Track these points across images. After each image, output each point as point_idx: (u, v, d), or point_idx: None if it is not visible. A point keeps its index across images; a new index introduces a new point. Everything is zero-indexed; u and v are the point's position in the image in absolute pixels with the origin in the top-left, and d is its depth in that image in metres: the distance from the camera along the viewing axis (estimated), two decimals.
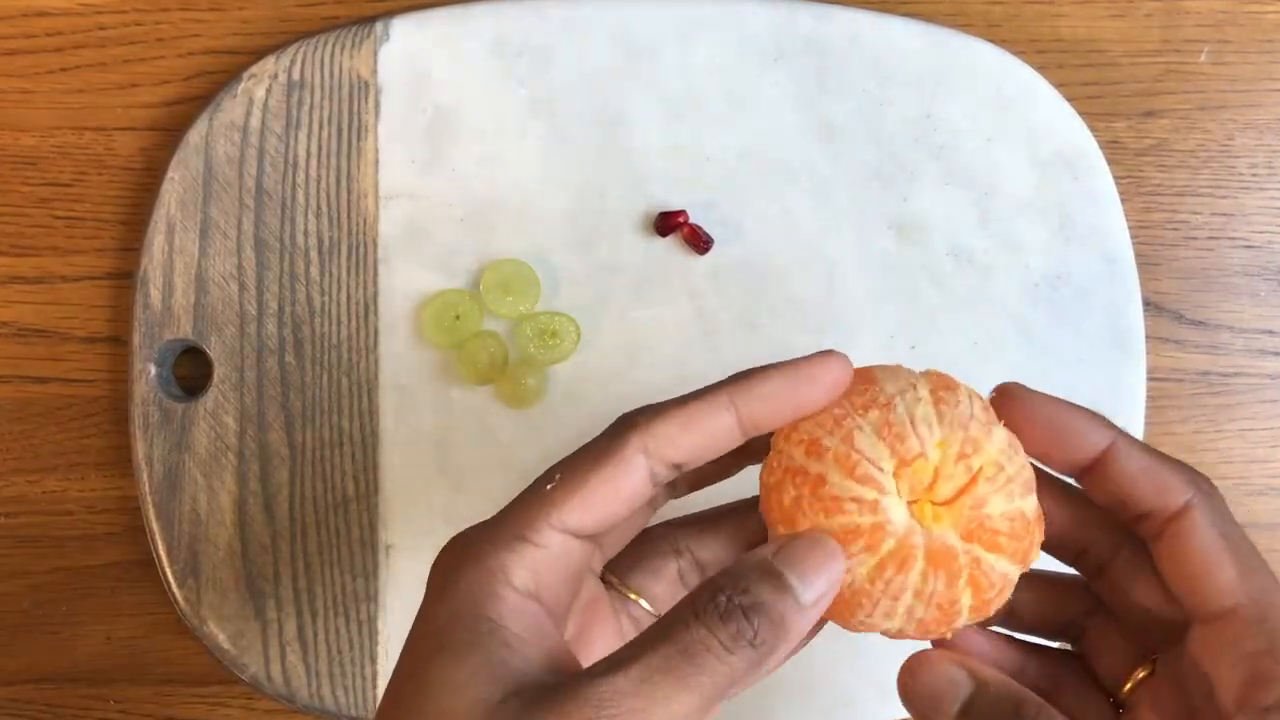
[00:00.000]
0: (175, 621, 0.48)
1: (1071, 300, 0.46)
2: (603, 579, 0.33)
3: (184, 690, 0.49)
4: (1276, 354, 0.48)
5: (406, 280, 0.47)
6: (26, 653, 0.49)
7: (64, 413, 0.49)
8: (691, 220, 0.46)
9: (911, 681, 0.30)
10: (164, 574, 0.47)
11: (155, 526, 0.47)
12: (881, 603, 0.29)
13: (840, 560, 0.28)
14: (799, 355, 0.44)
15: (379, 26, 0.47)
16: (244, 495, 0.46)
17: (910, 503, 0.29)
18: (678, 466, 0.30)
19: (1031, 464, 0.30)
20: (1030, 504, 0.29)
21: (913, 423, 0.28)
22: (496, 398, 0.46)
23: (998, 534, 0.29)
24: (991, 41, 0.47)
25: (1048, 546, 0.32)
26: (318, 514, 0.46)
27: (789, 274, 0.47)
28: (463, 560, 0.29)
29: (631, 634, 0.31)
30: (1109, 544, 0.32)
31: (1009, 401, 0.31)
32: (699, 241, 0.46)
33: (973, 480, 0.28)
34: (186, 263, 0.47)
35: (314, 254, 0.47)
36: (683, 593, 0.32)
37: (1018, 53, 0.47)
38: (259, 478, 0.47)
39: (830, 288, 0.47)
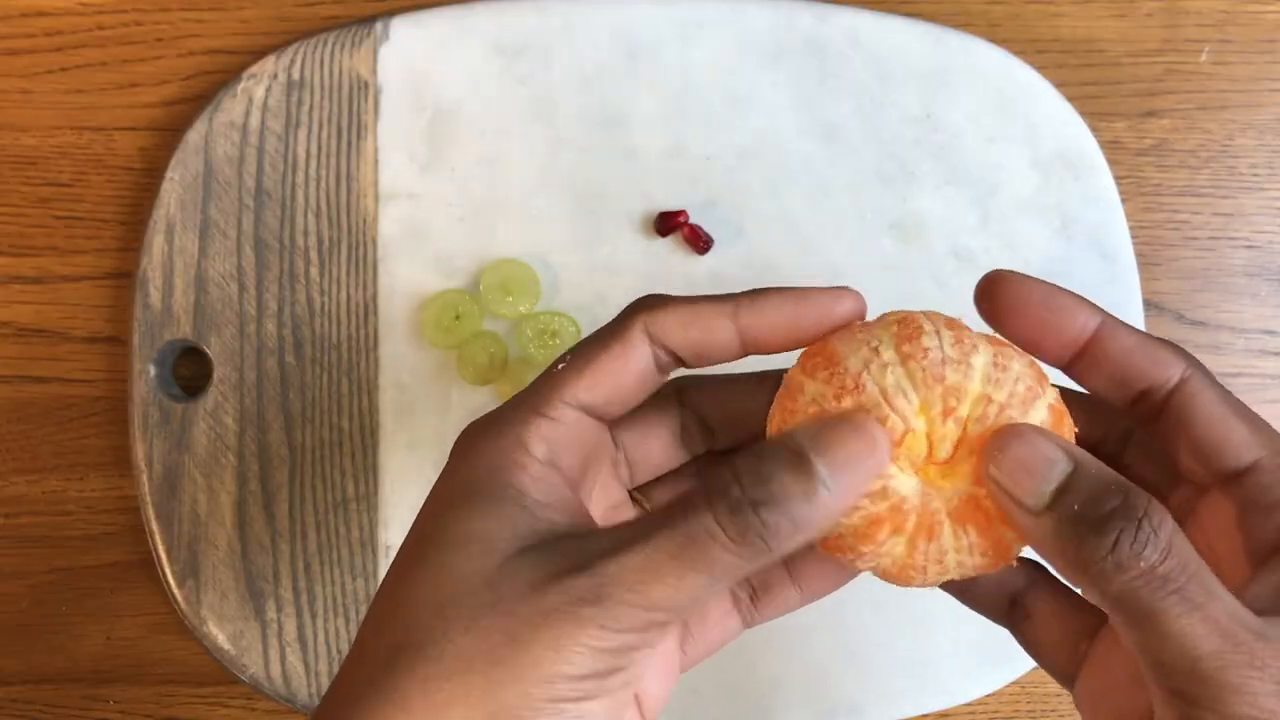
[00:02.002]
0: (175, 621, 0.48)
1: None
2: (632, 497, 0.33)
3: (184, 690, 0.49)
4: (1277, 354, 0.48)
5: (406, 280, 0.47)
6: (26, 653, 0.49)
7: (64, 413, 0.49)
8: (691, 220, 0.46)
9: (998, 456, 0.27)
10: (164, 574, 0.47)
11: (155, 526, 0.46)
12: (930, 569, 0.28)
13: (884, 453, 0.27)
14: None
15: (379, 26, 0.47)
16: (244, 495, 0.46)
17: (918, 470, 0.28)
18: (678, 358, 0.30)
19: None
20: (1038, 412, 0.28)
21: (887, 398, 0.27)
22: (496, 398, 0.46)
23: (985, 441, 0.28)
24: (992, 41, 0.47)
25: None
26: (318, 514, 0.46)
27: (789, 274, 0.47)
28: (481, 436, 0.29)
29: None
30: (1115, 438, 0.32)
31: (998, 288, 0.30)
32: (699, 241, 0.46)
33: (964, 431, 0.28)
34: (186, 263, 0.47)
35: (314, 254, 0.47)
36: None
37: (1018, 52, 0.47)
38: (259, 478, 0.47)
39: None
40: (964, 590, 0.34)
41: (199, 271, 0.47)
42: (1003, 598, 0.34)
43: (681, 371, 0.32)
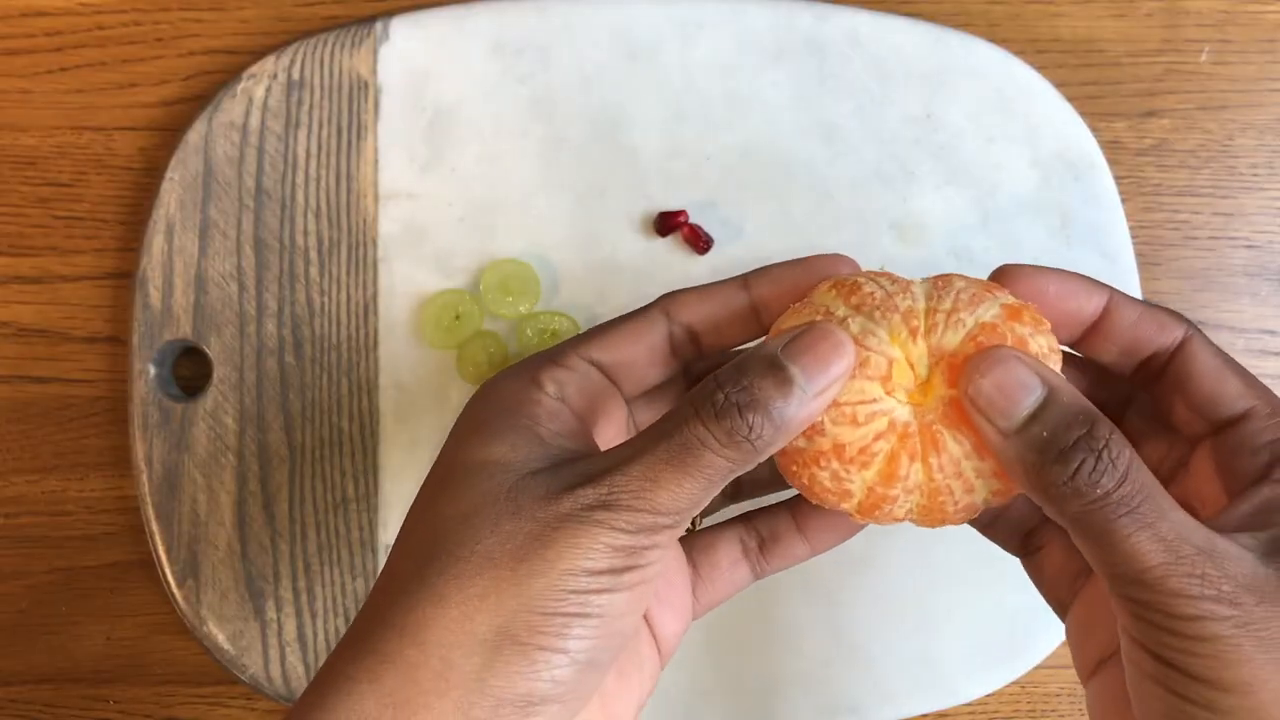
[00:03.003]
0: (175, 621, 0.48)
1: None
2: None
3: (184, 690, 0.49)
4: (1277, 354, 0.48)
5: (406, 280, 0.47)
6: (26, 653, 0.49)
7: (64, 413, 0.49)
8: (691, 220, 0.46)
9: (977, 378, 0.28)
10: (164, 574, 0.47)
11: (155, 527, 0.46)
12: (954, 487, 0.30)
13: (849, 350, 0.29)
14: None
15: (379, 26, 0.47)
16: (244, 495, 0.46)
17: (910, 396, 0.30)
18: (695, 333, 0.33)
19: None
20: (990, 309, 0.30)
21: (860, 343, 0.29)
22: None
23: (968, 356, 0.29)
24: (992, 41, 0.47)
25: None
26: (317, 514, 0.46)
27: None
28: (499, 379, 0.33)
29: None
30: (1117, 402, 0.34)
31: (1013, 281, 0.32)
32: (699, 241, 0.46)
33: (929, 346, 0.30)
34: (186, 263, 0.47)
35: (314, 254, 0.47)
36: (720, 496, 0.34)
37: (1018, 52, 0.47)
38: (259, 478, 0.47)
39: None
40: (986, 524, 0.36)
41: (199, 271, 0.47)
42: (1019, 531, 0.36)
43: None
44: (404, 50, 0.47)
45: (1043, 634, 0.46)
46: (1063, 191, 0.47)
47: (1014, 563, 0.46)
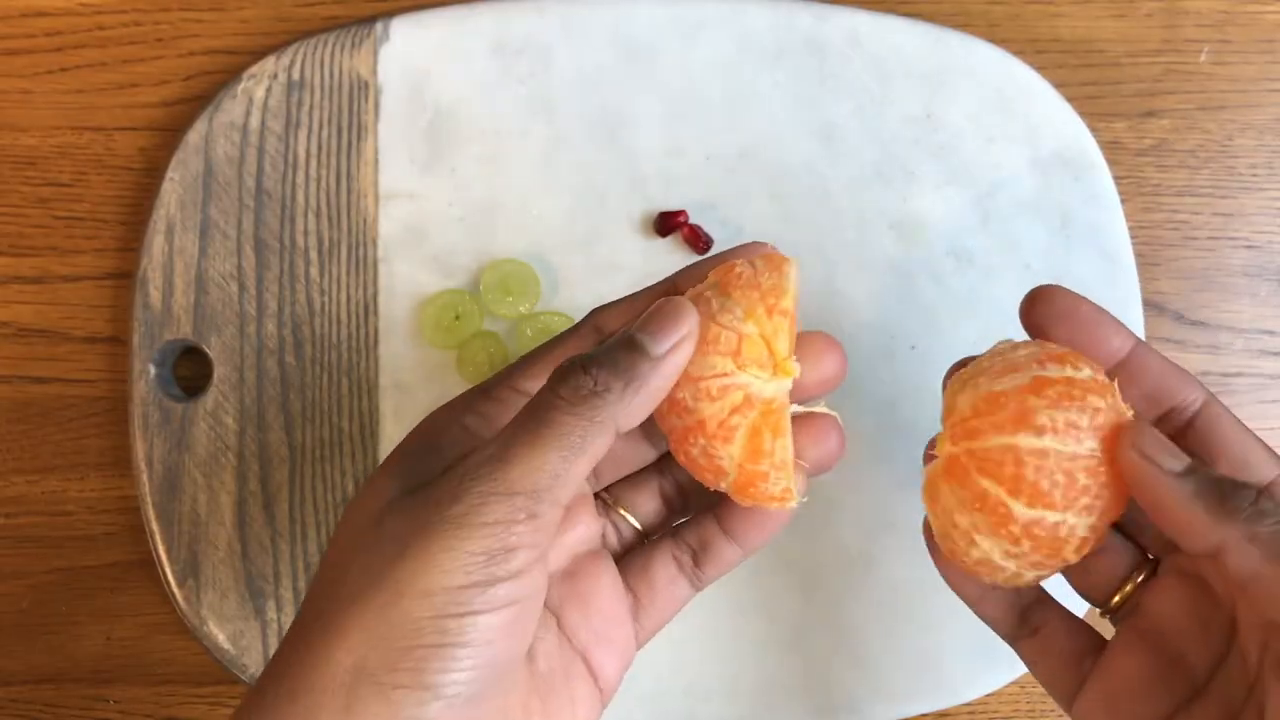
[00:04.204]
0: (175, 621, 0.48)
1: None
2: (596, 496, 0.35)
3: (184, 690, 0.49)
4: (1276, 354, 0.48)
5: (406, 280, 0.47)
6: (26, 653, 0.49)
7: (64, 413, 0.49)
8: (691, 220, 0.46)
9: (1139, 438, 0.30)
10: (164, 574, 0.47)
11: (155, 527, 0.46)
12: (771, 469, 0.31)
13: (690, 313, 0.30)
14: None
15: (379, 26, 0.47)
16: (244, 495, 0.46)
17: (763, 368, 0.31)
18: None
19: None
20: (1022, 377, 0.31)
21: (716, 320, 0.30)
22: None
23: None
24: (991, 41, 0.47)
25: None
26: (318, 514, 0.46)
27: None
28: (433, 414, 0.33)
29: (613, 537, 0.35)
30: None
31: (1047, 304, 0.33)
32: (699, 241, 0.46)
33: (790, 317, 0.31)
34: (186, 263, 0.47)
35: (314, 254, 0.47)
36: (663, 509, 0.36)
37: (1018, 53, 0.47)
38: (259, 478, 0.47)
39: (830, 288, 0.47)
40: (976, 601, 0.35)
41: (199, 271, 0.47)
42: (1013, 612, 0.35)
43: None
44: (404, 50, 0.47)
45: None
46: (1062, 191, 0.47)
47: None
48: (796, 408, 0.33)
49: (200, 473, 0.47)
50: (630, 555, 0.35)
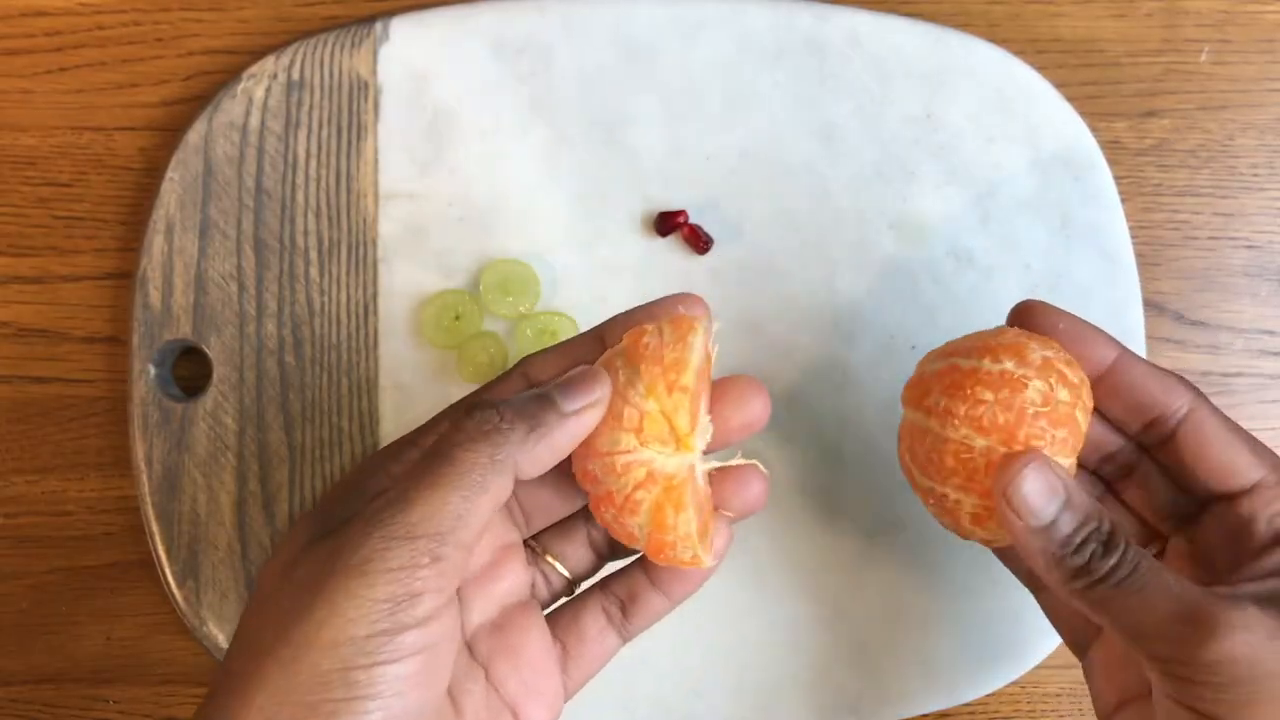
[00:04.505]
0: (175, 621, 0.48)
1: (1071, 300, 0.46)
2: (525, 544, 0.35)
3: (184, 690, 0.49)
4: (1276, 354, 0.48)
5: (406, 280, 0.47)
6: (26, 652, 0.49)
7: (64, 413, 0.49)
8: (691, 220, 0.46)
9: (1013, 482, 0.32)
10: (164, 574, 0.47)
11: (155, 526, 0.46)
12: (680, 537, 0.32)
13: (604, 384, 0.31)
14: (801, 355, 0.44)
15: (379, 26, 0.47)
16: (244, 495, 0.46)
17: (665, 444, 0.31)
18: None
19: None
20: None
21: (622, 395, 0.31)
22: None
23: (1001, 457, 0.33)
24: (991, 41, 0.47)
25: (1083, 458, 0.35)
26: None
27: (789, 274, 0.47)
28: (360, 464, 0.33)
29: (543, 586, 0.35)
30: (1128, 455, 0.36)
31: (1029, 315, 0.35)
32: (699, 241, 0.46)
33: (691, 401, 0.31)
34: (186, 263, 0.47)
35: (314, 254, 0.47)
36: (593, 556, 0.36)
37: (1018, 53, 0.47)
38: (259, 478, 0.47)
39: (830, 288, 0.47)
40: (1003, 552, 0.38)
41: (199, 271, 0.47)
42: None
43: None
44: (404, 50, 0.47)
45: (1043, 634, 0.46)
46: (1063, 191, 0.47)
47: None
48: (712, 463, 0.34)
49: (200, 473, 0.47)
50: (560, 607, 0.35)
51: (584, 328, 0.46)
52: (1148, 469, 0.36)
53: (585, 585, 0.36)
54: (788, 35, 0.47)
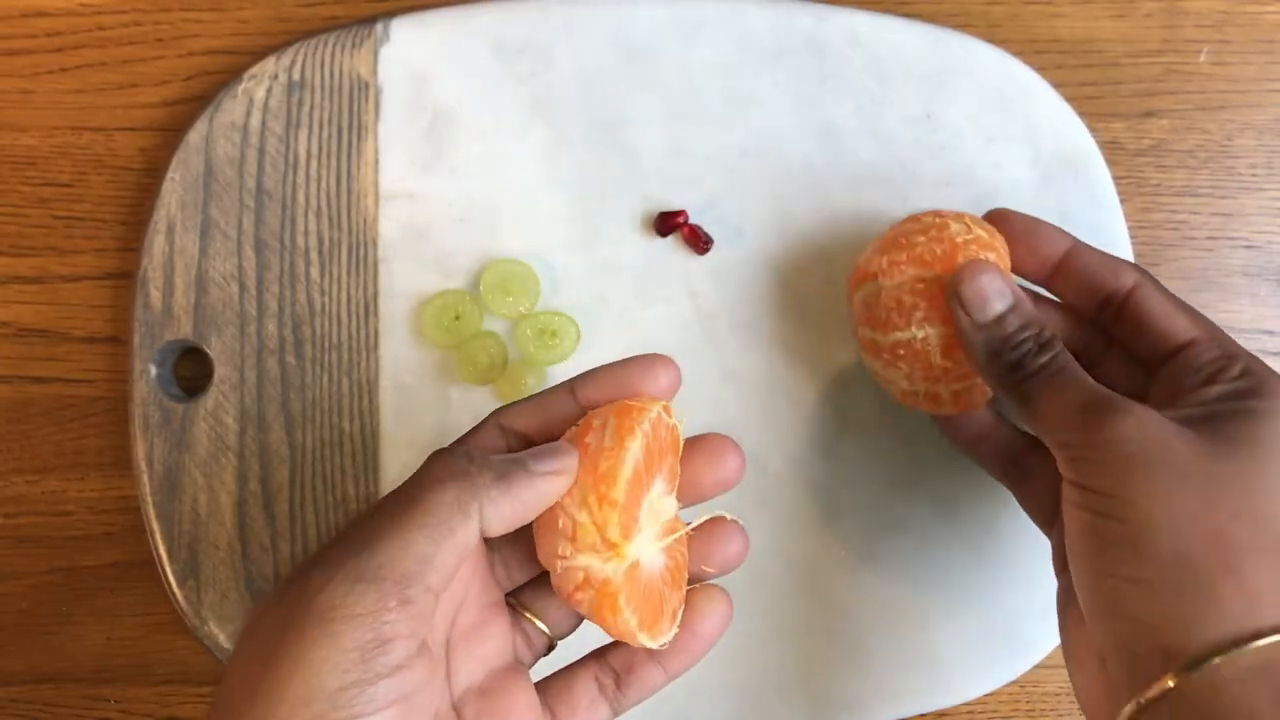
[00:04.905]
0: (175, 621, 0.48)
1: None
2: (506, 600, 0.35)
3: (184, 690, 0.49)
4: (1276, 354, 0.48)
5: (406, 280, 0.47)
6: (26, 653, 0.49)
7: (64, 413, 0.49)
8: (691, 220, 0.46)
9: (966, 279, 0.37)
10: (164, 574, 0.47)
11: (155, 526, 0.47)
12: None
13: (571, 458, 0.31)
14: (795, 356, 0.44)
15: (379, 27, 0.47)
16: (244, 495, 0.46)
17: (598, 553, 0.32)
18: (527, 437, 0.34)
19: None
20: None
21: (562, 502, 0.32)
22: (496, 398, 0.46)
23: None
24: (991, 41, 0.47)
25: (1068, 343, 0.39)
26: (318, 514, 0.46)
27: (789, 274, 0.47)
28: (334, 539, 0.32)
29: (524, 646, 0.35)
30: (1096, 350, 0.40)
31: (998, 221, 0.40)
32: (699, 241, 0.46)
33: (623, 511, 0.32)
34: (187, 263, 0.47)
35: (314, 254, 0.47)
36: (574, 616, 0.35)
37: (1017, 53, 0.47)
38: (259, 478, 0.47)
39: (831, 288, 0.47)
40: (973, 442, 0.43)
41: (199, 272, 0.47)
42: (1005, 456, 0.42)
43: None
44: (404, 51, 0.47)
45: (1042, 634, 0.46)
46: (1062, 191, 0.47)
47: (1012, 563, 0.46)
48: (688, 525, 0.34)
49: (200, 473, 0.47)
50: (552, 675, 0.35)
51: (584, 327, 0.46)
52: (1109, 358, 0.40)
53: (577, 651, 0.36)
54: (788, 35, 0.47)
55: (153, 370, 0.47)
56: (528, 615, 0.35)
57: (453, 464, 0.29)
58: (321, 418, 0.47)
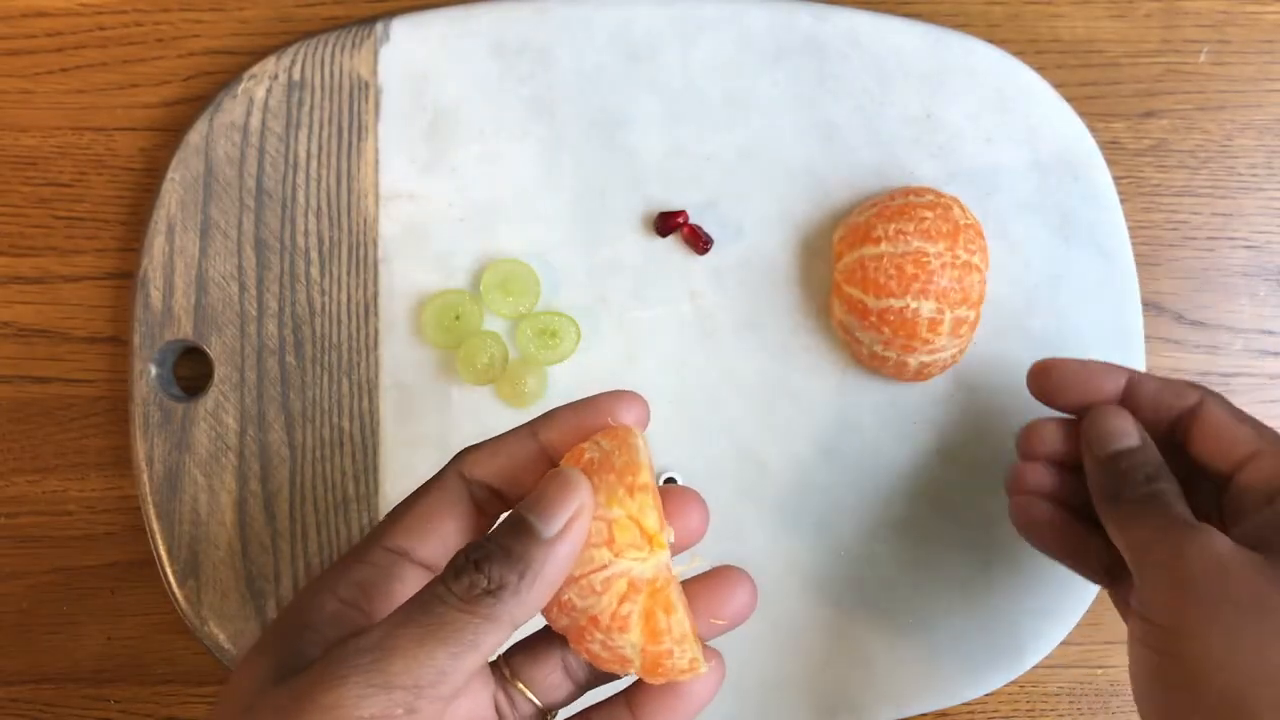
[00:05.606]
0: (175, 621, 0.48)
1: (1071, 300, 0.46)
2: (493, 665, 0.33)
3: (184, 690, 0.49)
4: (1276, 354, 0.48)
5: (406, 280, 0.47)
6: (27, 653, 0.49)
7: (64, 413, 0.49)
8: (691, 220, 0.46)
9: (1095, 420, 0.39)
10: (164, 574, 0.47)
11: (155, 526, 0.47)
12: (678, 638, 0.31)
13: (580, 485, 0.28)
14: (795, 356, 0.44)
15: (379, 27, 0.47)
16: (244, 495, 0.47)
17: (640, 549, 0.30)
18: (494, 490, 0.31)
19: None
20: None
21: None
22: (496, 398, 0.46)
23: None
24: (991, 41, 0.47)
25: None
26: (318, 514, 0.46)
27: (789, 274, 0.47)
28: (306, 586, 0.30)
29: (509, 711, 0.32)
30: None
31: (1045, 378, 0.40)
32: (699, 241, 0.46)
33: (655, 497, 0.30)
34: (187, 263, 0.47)
35: (314, 254, 0.47)
36: (570, 685, 0.33)
37: (1017, 53, 0.47)
38: (259, 478, 0.47)
39: (831, 288, 0.47)
40: (1070, 556, 0.41)
41: (199, 272, 0.47)
42: (1100, 566, 0.40)
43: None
44: (404, 51, 0.47)
45: (1043, 634, 0.46)
46: (1062, 191, 0.47)
47: (1012, 563, 0.46)
48: (700, 567, 0.32)
49: (201, 472, 0.47)
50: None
51: (584, 327, 0.46)
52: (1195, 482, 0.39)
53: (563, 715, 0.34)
54: (787, 35, 0.47)
55: (153, 370, 0.47)
56: (518, 684, 0.33)
57: (472, 585, 0.27)
58: (321, 418, 0.47)
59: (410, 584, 0.30)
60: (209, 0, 0.49)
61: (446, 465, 0.32)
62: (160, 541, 0.47)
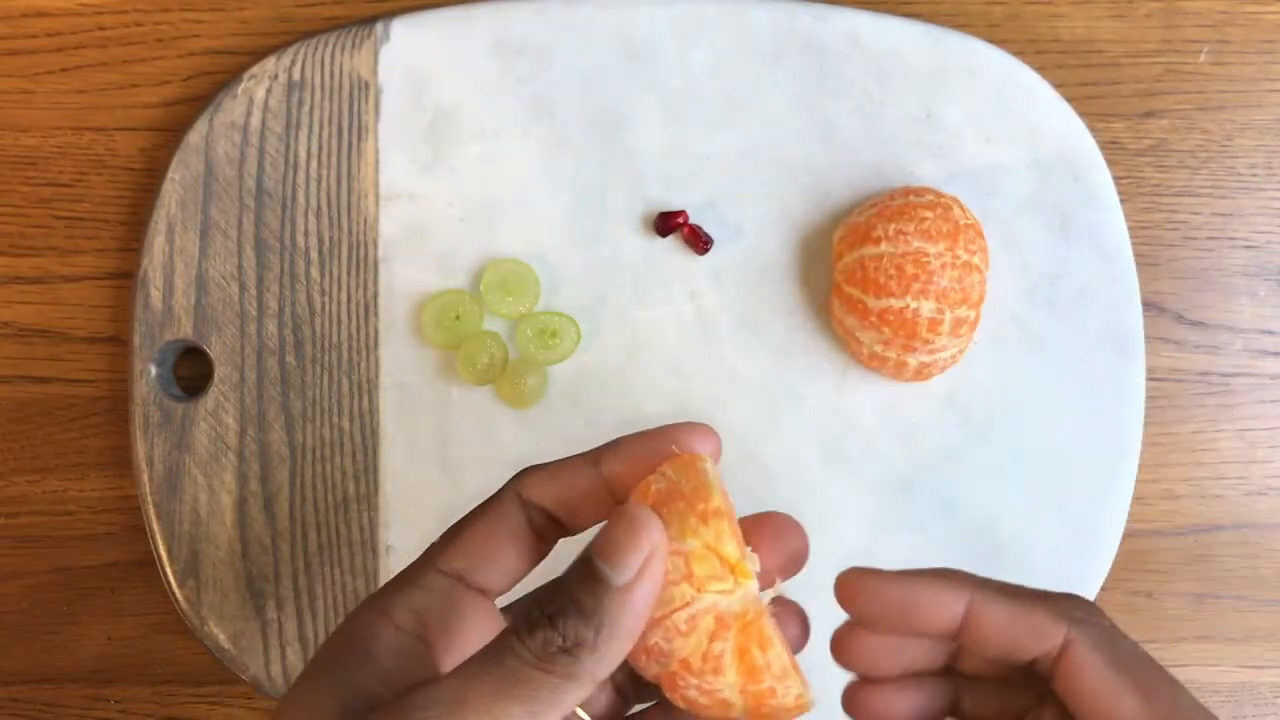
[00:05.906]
0: (175, 621, 0.48)
1: (1071, 300, 0.46)
2: None
3: (184, 690, 0.49)
4: (1276, 354, 0.48)
5: (406, 280, 0.47)
6: (26, 653, 0.49)
7: (64, 413, 0.49)
8: (691, 220, 0.46)
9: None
10: (164, 574, 0.47)
11: (155, 526, 0.47)
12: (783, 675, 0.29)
13: (650, 525, 0.26)
14: (795, 356, 0.44)
15: (379, 27, 0.47)
16: (244, 495, 0.47)
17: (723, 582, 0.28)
18: (553, 516, 0.30)
19: None
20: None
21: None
22: (496, 397, 0.46)
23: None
24: (991, 41, 0.47)
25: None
26: (318, 514, 0.47)
27: (789, 274, 0.47)
28: (358, 608, 0.29)
29: None
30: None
31: (852, 591, 0.31)
32: (699, 241, 0.46)
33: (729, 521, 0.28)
34: (187, 263, 0.47)
35: (314, 254, 0.47)
36: (616, 697, 0.32)
37: (1017, 53, 0.47)
38: (259, 478, 0.47)
39: (831, 288, 0.47)
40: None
41: (199, 272, 0.47)
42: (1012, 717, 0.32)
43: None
44: (404, 51, 0.47)
45: None
46: (1062, 192, 0.47)
47: (1012, 563, 0.46)
48: (768, 593, 0.30)
49: (201, 472, 0.47)
50: None
51: (584, 328, 0.46)
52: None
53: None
54: (787, 36, 0.47)
55: (153, 370, 0.47)
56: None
57: (547, 643, 0.25)
58: (321, 418, 0.47)
59: (469, 616, 0.29)
60: (209, 0, 0.49)
61: (505, 485, 0.30)
62: (160, 541, 0.47)
